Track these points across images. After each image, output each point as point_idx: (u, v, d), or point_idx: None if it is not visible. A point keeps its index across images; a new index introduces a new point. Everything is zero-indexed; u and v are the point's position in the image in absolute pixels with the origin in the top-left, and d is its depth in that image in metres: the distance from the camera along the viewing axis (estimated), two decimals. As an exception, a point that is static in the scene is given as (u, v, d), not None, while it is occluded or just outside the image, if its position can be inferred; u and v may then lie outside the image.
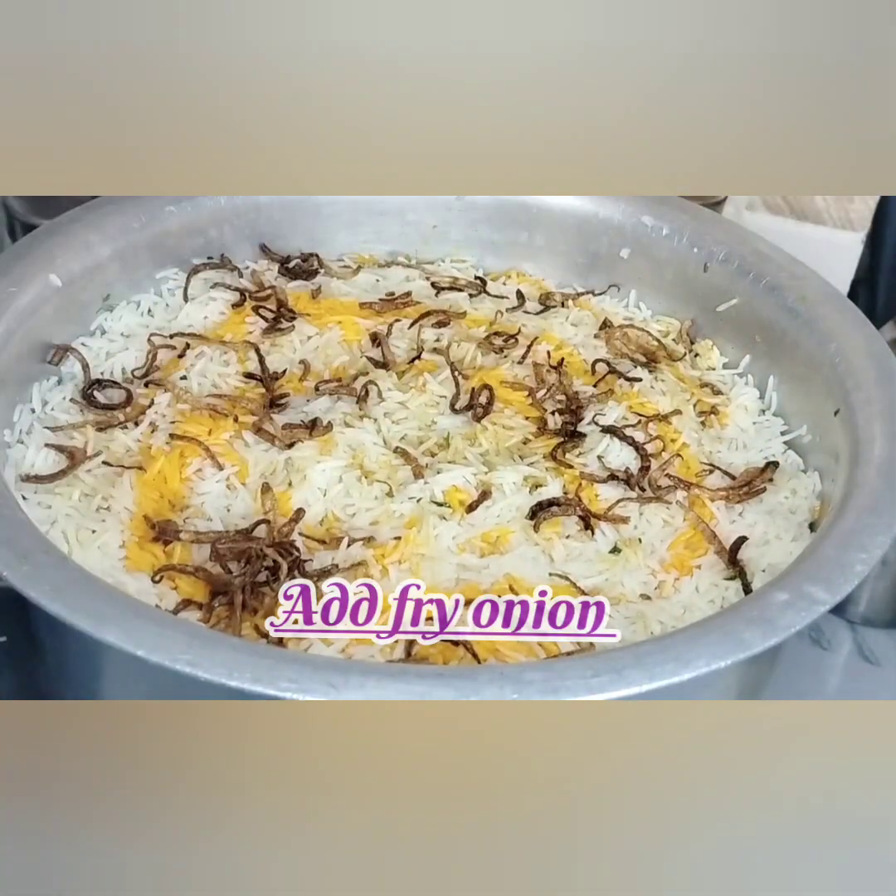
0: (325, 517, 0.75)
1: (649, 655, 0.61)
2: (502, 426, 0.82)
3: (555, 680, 0.59)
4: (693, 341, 0.93)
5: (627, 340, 0.91)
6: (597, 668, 0.60)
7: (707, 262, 0.92)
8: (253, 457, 0.78)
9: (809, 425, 0.85)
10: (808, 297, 0.87)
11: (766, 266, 0.90)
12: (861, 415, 0.79)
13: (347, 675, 0.58)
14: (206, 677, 0.58)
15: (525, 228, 0.98)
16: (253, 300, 0.91)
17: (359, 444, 0.79)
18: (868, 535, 0.69)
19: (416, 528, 0.74)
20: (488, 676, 0.59)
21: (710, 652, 0.61)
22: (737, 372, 0.91)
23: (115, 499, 0.74)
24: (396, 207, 0.98)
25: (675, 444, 0.83)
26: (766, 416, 0.88)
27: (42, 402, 0.82)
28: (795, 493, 0.81)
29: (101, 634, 0.60)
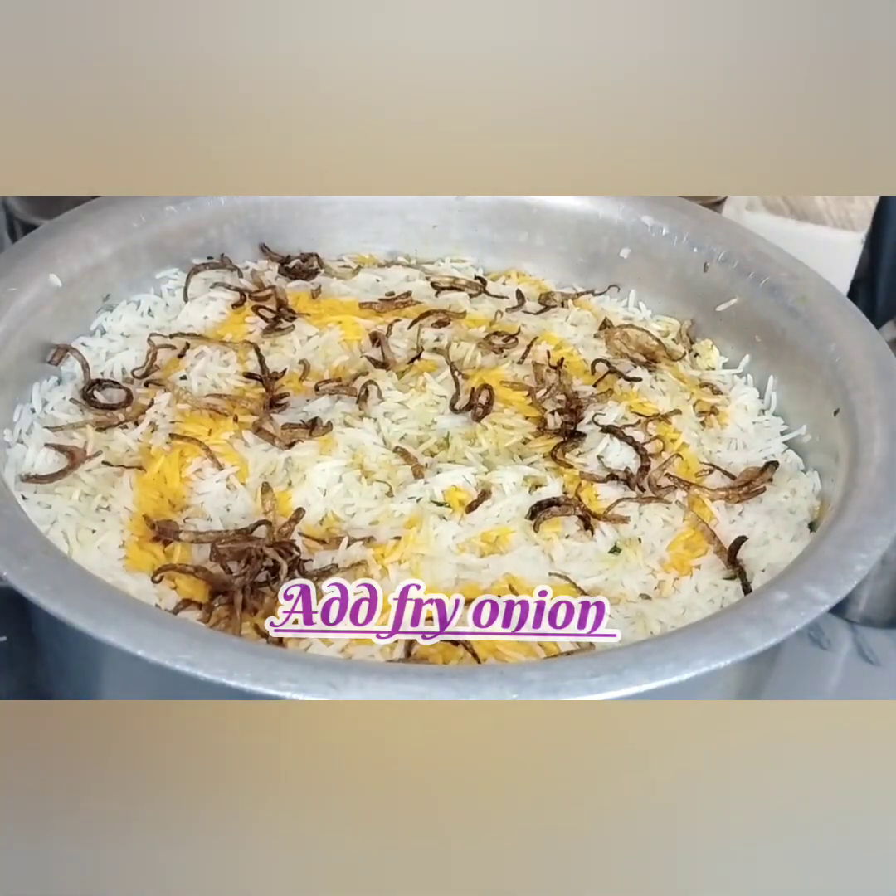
0: (325, 517, 0.75)
1: (649, 655, 0.61)
2: (502, 426, 0.82)
3: (554, 680, 0.59)
4: (693, 341, 0.93)
5: (627, 340, 0.91)
6: (596, 667, 0.60)
7: (707, 262, 0.92)
8: (253, 457, 0.77)
9: (809, 425, 0.85)
10: (808, 297, 0.87)
11: (766, 266, 0.90)
12: (861, 414, 0.79)
13: (347, 675, 0.58)
14: (206, 677, 0.58)
15: (525, 228, 0.98)
16: (253, 300, 0.91)
17: (359, 443, 0.79)
18: (868, 534, 0.69)
19: (415, 527, 0.74)
20: (488, 676, 0.59)
21: (710, 652, 0.61)
22: (736, 372, 0.91)
23: (114, 499, 0.74)
24: (396, 207, 0.98)
25: (674, 444, 0.83)
26: (765, 415, 0.88)
27: (42, 402, 0.82)
28: (795, 493, 0.81)
29: (101, 634, 0.59)
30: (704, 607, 0.73)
